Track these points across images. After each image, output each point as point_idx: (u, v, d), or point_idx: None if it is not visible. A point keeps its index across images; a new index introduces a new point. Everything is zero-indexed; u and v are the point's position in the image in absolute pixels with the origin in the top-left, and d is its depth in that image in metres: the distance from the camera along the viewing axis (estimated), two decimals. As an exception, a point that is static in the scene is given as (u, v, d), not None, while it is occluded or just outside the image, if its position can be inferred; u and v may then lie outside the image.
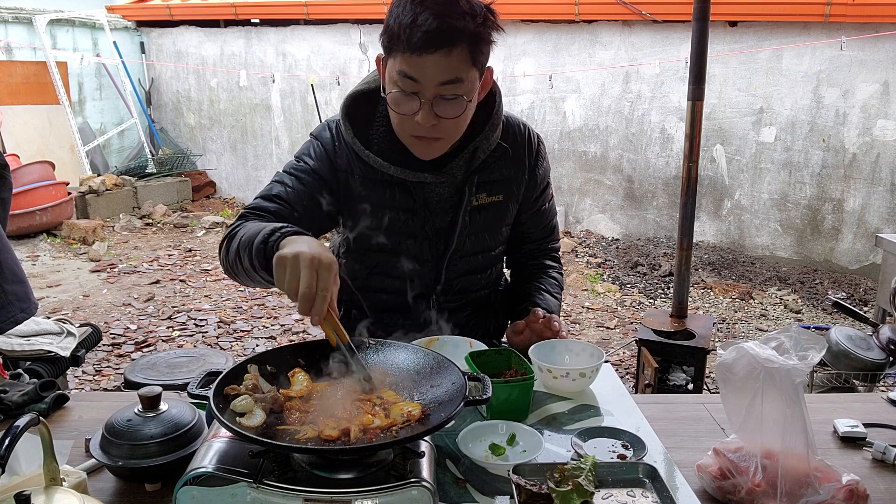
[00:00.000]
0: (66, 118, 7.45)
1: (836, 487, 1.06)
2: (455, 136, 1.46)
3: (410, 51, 1.29)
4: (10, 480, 1.01)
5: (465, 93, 1.36)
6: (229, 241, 1.38)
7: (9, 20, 7.13)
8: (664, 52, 6.00)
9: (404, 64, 1.32)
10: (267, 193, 1.50)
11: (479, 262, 1.66)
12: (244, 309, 4.87)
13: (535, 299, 1.67)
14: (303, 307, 1.06)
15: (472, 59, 1.34)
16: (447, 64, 1.31)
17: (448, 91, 1.34)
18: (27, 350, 2.29)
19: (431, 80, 1.32)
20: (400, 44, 1.31)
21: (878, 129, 5.31)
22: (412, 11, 1.29)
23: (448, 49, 1.30)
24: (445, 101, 1.35)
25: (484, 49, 1.37)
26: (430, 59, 1.30)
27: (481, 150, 1.53)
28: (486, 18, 1.35)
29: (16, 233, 6.09)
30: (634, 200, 6.48)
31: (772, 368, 1.07)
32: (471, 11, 1.32)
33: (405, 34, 1.29)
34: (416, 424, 1.02)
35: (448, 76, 1.32)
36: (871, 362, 2.64)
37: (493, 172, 1.58)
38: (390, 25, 1.33)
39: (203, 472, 0.94)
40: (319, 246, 1.12)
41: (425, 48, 1.29)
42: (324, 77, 7.52)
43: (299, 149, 1.57)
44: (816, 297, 5.14)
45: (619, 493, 1.07)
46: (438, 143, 1.44)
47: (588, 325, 4.69)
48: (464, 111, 1.39)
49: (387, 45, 1.36)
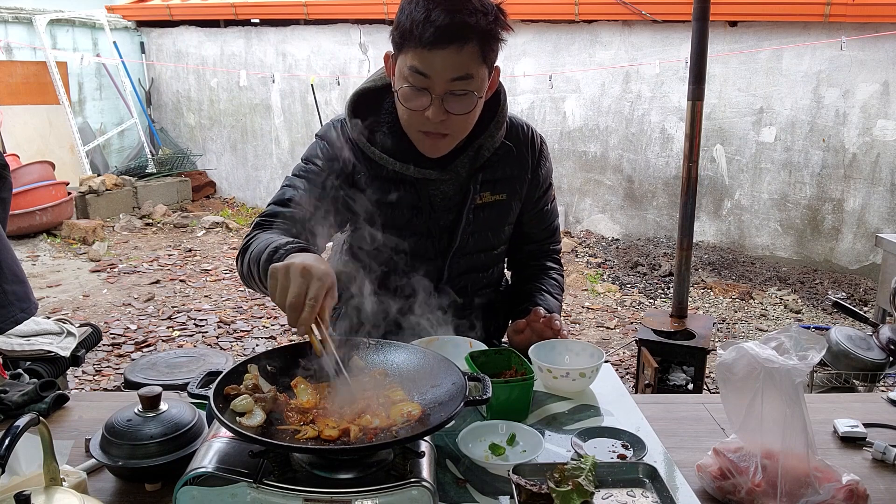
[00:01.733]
0: (66, 118, 7.45)
1: (836, 487, 1.06)
2: (463, 132, 1.47)
3: (422, 46, 1.31)
4: (10, 480, 1.01)
5: (476, 89, 1.38)
6: (243, 254, 1.40)
7: (9, 20, 7.13)
8: (664, 52, 6.00)
9: (416, 59, 1.33)
10: (280, 198, 1.50)
11: (481, 261, 1.67)
12: (244, 309, 4.87)
13: (536, 299, 1.68)
14: (290, 317, 1.06)
15: (482, 55, 1.36)
16: (458, 60, 1.33)
17: (458, 87, 1.35)
18: (27, 350, 2.29)
19: (442, 75, 1.33)
20: (412, 39, 1.32)
21: (878, 129, 5.31)
22: (425, 8, 1.31)
23: (459, 45, 1.31)
24: (455, 98, 1.36)
25: (494, 46, 1.39)
26: (441, 54, 1.31)
27: (485, 147, 1.54)
28: (497, 16, 1.37)
29: (16, 233, 6.09)
30: (634, 200, 6.48)
31: (772, 368, 1.07)
32: (482, 9, 1.34)
33: (418, 30, 1.30)
34: (416, 424, 1.01)
35: (459, 72, 1.34)
36: (871, 362, 2.64)
37: (497, 171, 1.59)
38: (402, 22, 1.34)
39: (203, 472, 0.94)
40: (316, 259, 1.13)
41: (437, 44, 1.30)
42: (324, 77, 7.52)
43: (306, 151, 1.58)
44: (816, 297, 5.14)
45: (619, 493, 1.07)
46: (446, 140, 1.46)
47: (588, 325, 4.69)
48: (473, 108, 1.40)
49: (398, 41, 1.37)
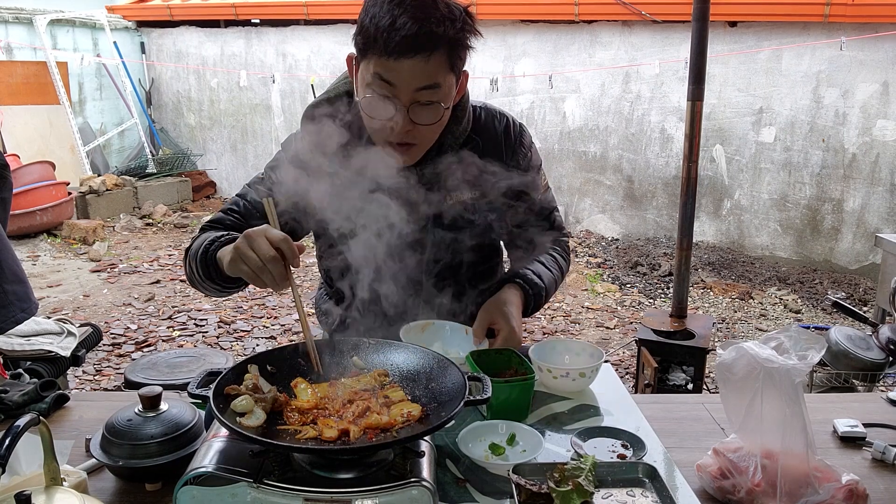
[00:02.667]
0: (67, 118, 7.45)
1: (836, 487, 1.07)
2: (430, 141, 1.42)
3: (388, 55, 1.25)
4: (10, 480, 1.01)
5: (442, 98, 1.33)
6: (186, 255, 1.42)
7: (9, 20, 7.13)
8: (664, 53, 6.00)
9: (380, 67, 1.28)
10: (228, 207, 1.51)
11: (460, 258, 1.60)
12: (244, 309, 4.87)
13: (520, 270, 1.61)
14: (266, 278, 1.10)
15: (450, 64, 1.31)
16: (425, 69, 1.27)
17: (425, 97, 1.30)
18: (27, 350, 2.29)
19: (408, 84, 1.28)
20: (377, 47, 1.26)
21: (878, 129, 5.31)
22: (390, 13, 1.25)
23: (427, 55, 1.26)
24: (421, 107, 1.31)
25: (462, 55, 1.34)
26: (407, 63, 1.26)
27: (447, 145, 1.49)
28: (465, 23, 1.31)
29: (16, 233, 6.09)
30: (634, 200, 6.48)
31: (771, 368, 1.07)
32: (450, 16, 1.28)
33: (383, 37, 1.25)
34: (416, 424, 1.02)
35: (425, 81, 1.29)
36: (871, 362, 2.64)
37: (466, 167, 1.51)
38: (366, 26, 1.29)
39: (203, 472, 0.94)
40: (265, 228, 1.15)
41: (404, 53, 1.24)
42: (324, 77, 7.52)
43: (270, 160, 1.55)
44: (816, 297, 5.14)
45: (619, 492, 1.07)
46: (413, 150, 1.40)
47: (588, 324, 4.69)
48: (440, 118, 1.36)
49: (361, 46, 1.31)
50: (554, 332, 4.54)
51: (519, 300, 1.53)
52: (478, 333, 1.48)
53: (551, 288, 1.64)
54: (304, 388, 1.10)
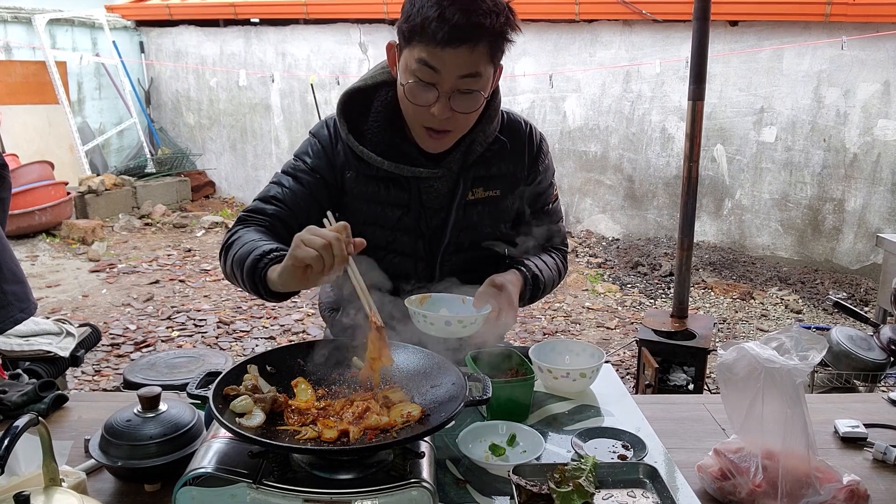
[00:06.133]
0: (66, 118, 7.45)
1: (837, 488, 1.06)
2: (464, 130, 1.47)
3: (434, 43, 1.31)
4: (9, 481, 1.01)
5: (482, 87, 1.38)
6: (226, 252, 1.40)
7: (8, 20, 7.13)
8: (664, 52, 6.00)
9: (426, 53, 1.33)
10: (265, 195, 1.51)
11: (475, 259, 1.63)
12: (244, 309, 4.86)
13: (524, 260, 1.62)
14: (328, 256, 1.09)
15: (491, 55, 1.36)
16: (469, 58, 1.33)
17: (466, 85, 1.36)
18: (26, 350, 2.29)
19: (452, 72, 1.33)
20: (424, 35, 1.32)
21: (879, 128, 5.31)
22: (438, 4, 1.30)
23: (472, 45, 1.32)
24: (462, 95, 1.36)
25: (503, 47, 1.39)
26: (452, 53, 1.31)
27: (478, 142, 1.53)
28: (508, 17, 1.37)
29: (15, 233, 6.09)
30: (635, 200, 6.47)
31: (772, 369, 1.07)
32: (495, 9, 1.34)
33: (430, 27, 1.30)
34: (415, 425, 1.01)
35: (468, 70, 1.34)
36: (872, 362, 2.64)
37: (491, 166, 1.57)
38: (412, 16, 1.34)
39: (203, 473, 0.93)
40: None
41: (450, 43, 1.30)
42: (323, 77, 7.52)
43: (299, 147, 1.58)
44: (817, 298, 5.14)
45: (620, 493, 1.07)
46: (448, 137, 1.46)
47: (588, 325, 4.69)
48: (479, 106, 1.41)
49: (407, 34, 1.36)
50: (554, 332, 4.54)
51: (519, 284, 1.54)
52: (479, 299, 1.48)
53: (548, 285, 1.65)
54: (304, 388, 1.10)
